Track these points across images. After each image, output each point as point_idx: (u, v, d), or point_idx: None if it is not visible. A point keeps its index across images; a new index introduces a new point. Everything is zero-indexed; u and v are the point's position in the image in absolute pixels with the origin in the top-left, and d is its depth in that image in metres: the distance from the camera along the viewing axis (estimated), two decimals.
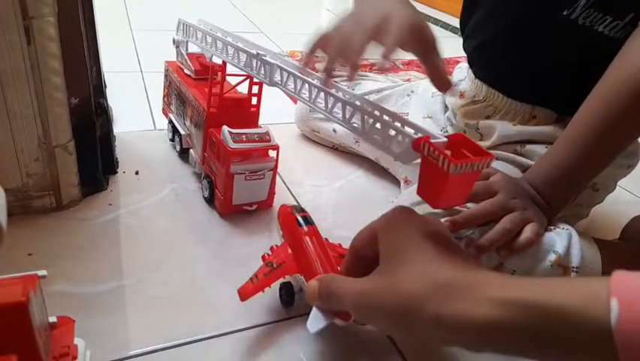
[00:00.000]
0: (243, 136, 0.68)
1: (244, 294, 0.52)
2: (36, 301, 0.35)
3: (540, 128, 0.67)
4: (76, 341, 0.41)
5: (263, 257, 0.57)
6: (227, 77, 0.71)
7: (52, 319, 0.40)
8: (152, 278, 0.59)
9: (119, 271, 0.60)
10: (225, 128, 0.67)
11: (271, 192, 0.73)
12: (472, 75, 0.75)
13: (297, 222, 0.56)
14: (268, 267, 0.54)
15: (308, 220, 0.57)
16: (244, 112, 0.74)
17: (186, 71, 0.83)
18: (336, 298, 0.43)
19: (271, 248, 0.58)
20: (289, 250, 0.56)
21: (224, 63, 0.70)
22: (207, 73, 0.73)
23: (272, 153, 0.71)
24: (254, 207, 0.72)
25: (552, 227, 0.58)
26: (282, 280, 0.55)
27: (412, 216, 0.43)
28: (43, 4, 0.57)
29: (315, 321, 0.47)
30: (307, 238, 0.55)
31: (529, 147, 0.67)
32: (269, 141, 0.69)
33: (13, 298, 0.32)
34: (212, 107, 0.71)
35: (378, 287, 0.39)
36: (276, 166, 0.71)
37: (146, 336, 0.52)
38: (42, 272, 0.38)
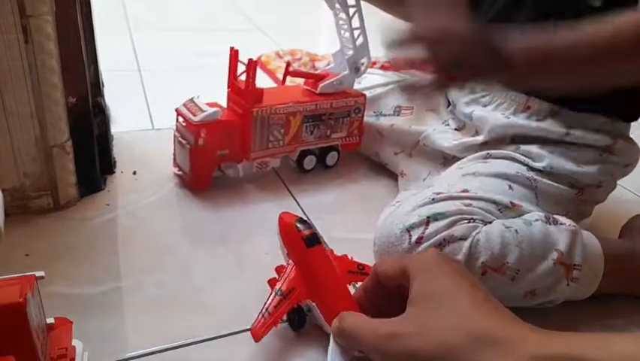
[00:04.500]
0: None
1: (257, 335, 0.48)
2: (33, 303, 0.35)
3: (531, 122, 0.68)
4: (74, 342, 0.41)
5: (270, 282, 0.55)
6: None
7: (50, 320, 0.40)
8: (150, 279, 0.59)
9: (116, 272, 0.59)
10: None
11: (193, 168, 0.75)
12: None
13: (303, 242, 0.53)
14: (278, 296, 0.50)
15: (315, 238, 0.53)
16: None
17: None
18: (352, 339, 0.43)
19: (276, 269, 0.56)
20: (295, 272, 0.53)
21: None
22: None
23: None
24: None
25: (557, 222, 0.58)
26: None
27: (447, 262, 0.42)
28: (40, 2, 0.57)
29: (334, 358, 0.46)
30: (316, 261, 0.52)
31: (524, 147, 0.67)
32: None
33: (11, 300, 0.32)
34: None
35: (411, 332, 0.38)
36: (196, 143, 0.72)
37: (144, 338, 0.51)
38: (39, 273, 0.37)
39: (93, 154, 0.72)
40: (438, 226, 0.54)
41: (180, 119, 0.75)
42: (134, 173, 0.79)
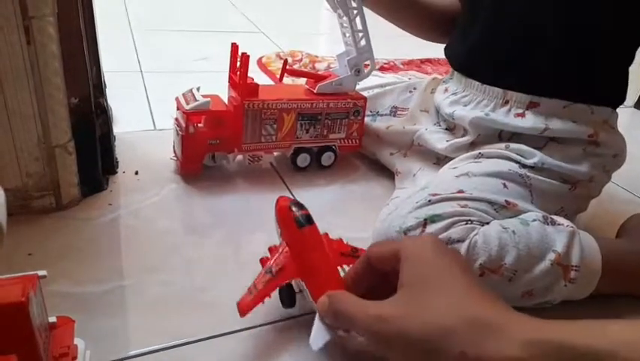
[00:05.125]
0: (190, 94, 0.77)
1: (243, 309, 0.49)
2: (36, 302, 0.35)
3: (510, 118, 0.68)
4: (76, 341, 0.41)
5: (261, 261, 0.55)
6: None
7: (52, 319, 0.40)
8: (152, 278, 0.59)
9: (119, 272, 0.60)
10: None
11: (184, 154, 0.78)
12: (456, 73, 0.78)
13: (295, 222, 0.53)
14: (267, 274, 0.51)
15: (308, 219, 0.54)
16: None
17: None
18: (346, 318, 0.42)
19: (269, 249, 0.57)
20: (287, 251, 0.53)
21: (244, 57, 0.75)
22: None
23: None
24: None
25: (554, 222, 0.58)
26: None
27: (441, 247, 0.42)
28: (43, 3, 0.57)
29: (318, 337, 0.46)
30: (307, 240, 0.53)
31: (513, 145, 0.67)
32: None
33: (13, 299, 0.32)
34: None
35: (402, 313, 0.38)
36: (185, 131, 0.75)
37: (145, 336, 0.52)
38: (42, 272, 0.38)
39: (95, 154, 0.72)
40: (435, 229, 0.55)
41: (176, 107, 0.78)
42: (137, 173, 0.79)
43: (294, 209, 0.54)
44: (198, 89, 0.77)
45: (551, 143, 0.67)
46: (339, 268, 0.53)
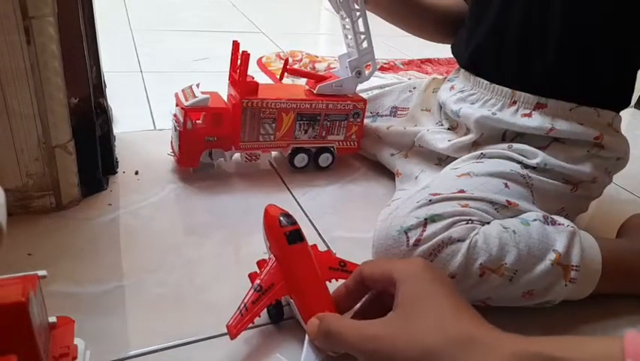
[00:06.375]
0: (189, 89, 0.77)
1: (234, 331, 0.48)
2: (36, 302, 0.35)
3: (517, 118, 0.68)
4: (76, 341, 0.41)
5: (250, 276, 0.55)
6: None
7: (52, 319, 0.40)
8: (152, 278, 0.59)
9: (118, 272, 0.60)
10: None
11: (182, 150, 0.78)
12: (463, 70, 0.77)
13: (286, 238, 0.52)
14: (257, 292, 0.50)
15: (299, 235, 0.53)
16: None
17: None
18: (337, 339, 0.44)
19: (258, 263, 0.56)
20: (276, 267, 0.52)
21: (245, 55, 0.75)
22: None
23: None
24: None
25: (555, 222, 0.58)
26: None
27: (431, 269, 0.44)
28: (43, 3, 0.57)
29: (309, 359, 0.47)
30: (298, 258, 0.52)
31: (516, 146, 0.67)
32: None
33: (13, 299, 0.32)
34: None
35: (393, 334, 0.40)
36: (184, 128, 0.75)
37: (145, 336, 0.52)
38: (42, 272, 0.38)
39: (95, 154, 0.72)
40: (436, 228, 0.54)
41: (175, 103, 0.78)
42: (136, 173, 0.79)
43: (284, 223, 0.53)
44: (198, 85, 0.77)
45: (555, 143, 0.67)
46: (327, 282, 0.53)
